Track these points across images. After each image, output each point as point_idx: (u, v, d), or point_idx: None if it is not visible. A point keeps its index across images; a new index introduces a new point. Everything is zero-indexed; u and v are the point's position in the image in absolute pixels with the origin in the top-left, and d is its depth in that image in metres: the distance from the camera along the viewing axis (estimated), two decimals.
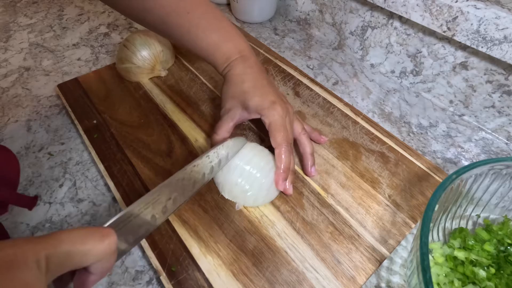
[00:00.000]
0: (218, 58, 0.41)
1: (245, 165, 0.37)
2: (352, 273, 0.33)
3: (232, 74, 0.40)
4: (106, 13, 0.73)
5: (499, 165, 0.32)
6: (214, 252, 0.34)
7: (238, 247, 0.35)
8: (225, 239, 0.35)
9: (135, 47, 0.50)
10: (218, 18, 0.42)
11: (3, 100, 0.53)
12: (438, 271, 0.33)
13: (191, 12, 0.40)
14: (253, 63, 0.41)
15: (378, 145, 0.45)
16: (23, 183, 0.42)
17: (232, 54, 0.41)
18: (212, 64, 0.43)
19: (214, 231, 0.36)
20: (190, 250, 0.34)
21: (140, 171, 0.41)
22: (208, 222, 0.36)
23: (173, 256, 0.34)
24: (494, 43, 0.41)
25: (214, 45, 0.41)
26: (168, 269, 0.33)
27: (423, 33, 0.50)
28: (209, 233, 0.36)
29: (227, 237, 0.35)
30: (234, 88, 0.40)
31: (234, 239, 0.35)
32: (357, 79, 0.57)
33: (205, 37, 0.41)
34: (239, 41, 0.42)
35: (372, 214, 0.38)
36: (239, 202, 0.37)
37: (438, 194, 0.29)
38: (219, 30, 0.41)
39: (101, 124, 0.47)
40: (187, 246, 0.34)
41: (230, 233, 0.36)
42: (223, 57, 0.41)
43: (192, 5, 0.40)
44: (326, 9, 0.63)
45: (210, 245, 0.35)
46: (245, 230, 0.36)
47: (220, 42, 0.41)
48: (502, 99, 0.46)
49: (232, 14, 0.72)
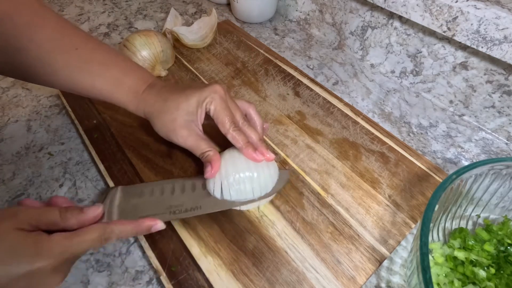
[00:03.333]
0: (124, 95, 0.36)
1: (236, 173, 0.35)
2: (352, 273, 0.33)
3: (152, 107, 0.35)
4: (106, 13, 0.73)
5: (499, 165, 0.32)
6: (214, 252, 0.34)
7: (238, 247, 0.35)
8: (225, 239, 0.35)
9: (135, 47, 0.50)
10: (112, 52, 0.37)
11: (3, 100, 0.53)
12: (438, 271, 0.33)
13: (80, 48, 0.35)
14: (163, 84, 0.37)
15: (378, 145, 0.45)
16: (23, 183, 0.42)
17: (139, 87, 0.37)
18: (116, 103, 0.37)
19: (214, 231, 0.36)
20: (190, 250, 0.34)
21: (140, 171, 0.41)
22: (208, 222, 0.36)
23: (173, 256, 0.34)
24: (494, 43, 0.41)
25: (115, 80, 0.36)
26: (168, 269, 0.33)
27: (423, 33, 0.50)
28: (209, 233, 0.36)
29: (227, 237, 0.35)
30: (165, 116, 0.35)
31: (234, 239, 0.35)
32: (357, 79, 0.57)
33: (102, 73, 0.36)
34: (141, 71, 0.38)
35: (372, 214, 0.38)
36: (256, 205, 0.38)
37: (438, 194, 0.29)
38: (117, 64, 0.37)
39: (101, 124, 0.47)
40: (187, 246, 0.34)
41: (230, 233, 0.36)
42: (129, 93, 0.36)
43: (80, 40, 0.35)
44: (326, 9, 0.63)
45: (210, 245, 0.35)
46: (245, 230, 0.36)
47: (121, 76, 0.36)
48: (502, 99, 0.46)
49: (232, 14, 0.72)
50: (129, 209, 0.34)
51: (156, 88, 0.37)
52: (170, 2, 0.77)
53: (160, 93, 0.36)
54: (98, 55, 0.36)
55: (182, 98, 0.35)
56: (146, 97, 0.36)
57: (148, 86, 0.37)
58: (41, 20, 0.34)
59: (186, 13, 0.74)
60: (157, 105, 0.36)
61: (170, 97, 0.35)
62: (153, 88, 0.37)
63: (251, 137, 0.36)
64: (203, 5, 0.76)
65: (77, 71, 0.35)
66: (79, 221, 0.28)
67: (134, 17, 0.72)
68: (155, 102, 0.36)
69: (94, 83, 0.36)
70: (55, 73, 0.34)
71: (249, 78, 0.54)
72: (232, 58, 0.58)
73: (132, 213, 0.33)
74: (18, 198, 0.40)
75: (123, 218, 0.32)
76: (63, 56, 0.34)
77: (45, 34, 0.33)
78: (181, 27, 0.61)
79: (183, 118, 0.35)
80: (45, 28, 0.33)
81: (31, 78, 0.35)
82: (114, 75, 0.36)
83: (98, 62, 0.36)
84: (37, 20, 0.33)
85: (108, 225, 0.29)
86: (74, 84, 0.35)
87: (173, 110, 0.35)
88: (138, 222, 0.30)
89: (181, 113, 0.35)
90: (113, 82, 0.36)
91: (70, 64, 0.34)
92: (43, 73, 0.34)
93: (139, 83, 0.37)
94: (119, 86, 0.36)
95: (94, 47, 0.36)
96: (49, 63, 0.34)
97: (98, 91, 0.36)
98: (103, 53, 0.36)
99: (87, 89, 0.36)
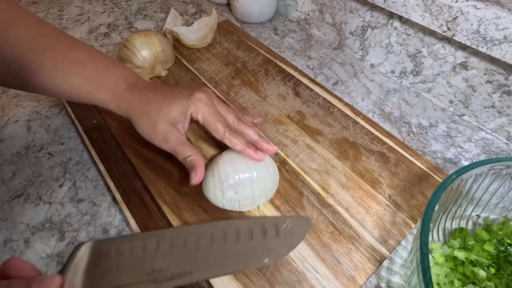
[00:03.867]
0: (103, 94, 0.35)
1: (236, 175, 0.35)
2: (352, 273, 0.33)
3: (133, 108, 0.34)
4: (106, 13, 0.73)
5: (499, 165, 0.32)
6: None
7: None
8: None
9: (135, 47, 0.50)
10: (89, 50, 0.36)
11: (3, 100, 0.53)
12: (438, 271, 0.33)
13: (56, 46, 0.33)
14: (146, 84, 0.36)
15: (378, 145, 0.45)
16: (23, 183, 0.42)
17: (119, 85, 0.35)
18: (96, 103, 0.35)
19: None
20: None
21: (140, 171, 0.41)
22: (209, 222, 0.36)
23: None
24: (494, 43, 0.41)
25: (92, 79, 0.34)
26: None
27: (423, 33, 0.50)
28: None
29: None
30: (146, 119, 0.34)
31: None
32: (357, 79, 0.57)
33: (79, 71, 0.34)
34: (120, 69, 0.36)
35: (372, 214, 0.38)
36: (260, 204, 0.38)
37: (438, 194, 0.29)
38: (94, 62, 0.35)
39: (101, 124, 0.47)
40: None
41: None
42: (108, 92, 0.35)
43: (57, 39, 0.34)
44: (326, 9, 0.63)
45: None
46: None
47: (99, 74, 0.35)
48: (502, 99, 0.46)
49: (232, 14, 0.72)
50: (97, 276, 0.26)
51: (138, 88, 0.35)
52: (170, 2, 0.77)
53: (142, 93, 0.35)
54: (74, 54, 0.34)
55: (164, 104, 0.34)
56: (127, 97, 0.35)
57: (129, 85, 0.35)
58: (16, 20, 0.32)
59: (186, 13, 0.74)
60: (139, 106, 0.34)
61: (152, 99, 0.34)
62: (135, 88, 0.35)
63: (249, 134, 0.36)
64: (203, 5, 0.76)
65: (53, 71, 0.33)
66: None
67: (134, 17, 0.72)
68: (137, 104, 0.34)
69: (70, 82, 0.34)
70: (31, 75, 0.33)
71: (249, 78, 0.54)
72: (232, 58, 0.58)
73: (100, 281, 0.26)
74: (18, 198, 0.41)
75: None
76: (38, 56, 0.32)
77: (20, 34, 0.32)
78: (181, 27, 0.61)
79: (164, 123, 0.34)
80: (19, 28, 0.32)
81: (7, 82, 0.34)
82: (92, 73, 0.34)
83: (74, 60, 0.34)
84: (11, 20, 0.32)
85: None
86: (50, 86, 0.34)
87: (155, 114, 0.34)
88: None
89: (163, 118, 0.34)
90: (91, 81, 0.34)
91: (46, 64, 0.33)
92: (20, 75, 0.32)
93: (119, 82, 0.35)
94: (97, 84, 0.35)
95: (71, 46, 0.34)
96: (24, 64, 0.32)
97: (75, 91, 0.34)
98: (80, 52, 0.35)
99: (64, 89, 0.34)
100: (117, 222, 0.38)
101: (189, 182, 0.33)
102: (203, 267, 0.27)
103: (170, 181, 0.40)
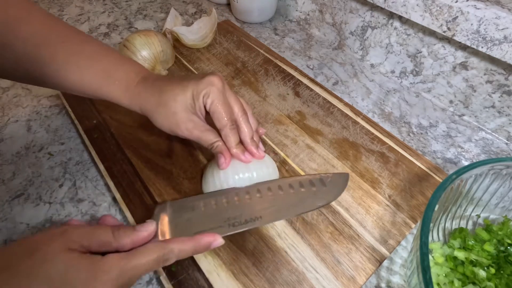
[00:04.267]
0: (115, 88, 0.34)
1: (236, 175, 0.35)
2: (352, 273, 0.33)
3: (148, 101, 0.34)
4: (106, 13, 0.73)
5: (499, 165, 0.32)
6: (214, 252, 0.34)
7: (238, 247, 0.35)
8: (225, 239, 0.35)
9: (135, 47, 0.50)
10: (101, 45, 0.35)
11: (3, 100, 0.53)
12: (438, 271, 0.33)
13: (68, 41, 0.33)
14: (157, 77, 0.35)
15: (378, 145, 0.45)
16: (23, 183, 0.42)
17: (131, 80, 0.34)
18: (108, 98, 0.35)
19: None
20: None
21: (140, 171, 0.41)
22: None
23: None
24: (494, 43, 0.41)
25: (105, 73, 0.34)
26: (168, 269, 0.33)
27: (423, 33, 0.50)
28: None
29: (227, 237, 0.35)
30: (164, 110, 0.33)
31: (234, 239, 0.35)
32: (357, 79, 0.57)
33: (91, 65, 0.34)
34: (132, 64, 0.36)
35: (372, 214, 0.38)
36: None
37: (438, 194, 0.29)
38: (106, 56, 0.35)
39: (101, 124, 0.47)
40: None
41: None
42: (120, 86, 0.34)
43: (68, 34, 0.34)
44: (326, 9, 0.63)
45: None
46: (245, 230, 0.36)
47: (111, 68, 0.34)
48: (502, 99, 0.46)
49: (232, 14, 0.72)
50: (182, 224, 0.31)
51: (150, 80, 0.35)
52: (170, 2, 0.77)
53: (155, 85, 0.34)
54: (86, 48, 0.34)
55: (178, 90, 0.33)
56: (140, 91, 0.34)
57: (141, 79, 0.35)
58: (28, 15, 0.32)
59: (186, 13, 0.74)
60: (153, 99, 0.34)
61: (165, 88, 0.33)
62: (147, 81, 0.35)
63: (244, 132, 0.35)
64: (203, 5, 0.76)
65: (65, 64, 0.33)
66: (132, 240, 0.25)
67: (134, 17, 0.72)
68: (151, 96, 0.34)
69: (82, 76, 0.33)
70: (42, 68, 0.32)
71: (249, 78, 0.54)
72: (232, 58, 0.58)
73: (186, 229, 0.30)
74: (18, 198, 0.41)
75: (177, 235, 0.29)
76: (49, 50, 0.32)
77: (32, 29, 0.32)
78: (181, 27, 0.61)
79: (183, 110, 0.33)
80: (31, 23, 0.32)
81: (18, 76, 0.34)
82: (103, 67, 0.34)
83: (86, 55, 0.34)
84: (23, 15, 0.32)
85: (166, 244, 0.26)
86: (62, 79, 0.33)
87: (171, 103, 0.33)
88: (196, 239, 0.28)
89: (180, 105, 0.33)
90: (103, 75, 0.34)
91: (57, 58, 0.33)
92: (31, 70, 0.33)
93: (131, 76, 0.35)
94: (109, 79, 0.34)
95: (82, 40, 0.34)
96: (35, 58, 0.32)
97: (87, 85, 0.34)
98: (92, 46, 0.35)
99: (75, 84, 0.34)
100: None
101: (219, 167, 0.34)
102: (269, 212, 0.32)
103: (170, 181, 0.40)
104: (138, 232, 0.26)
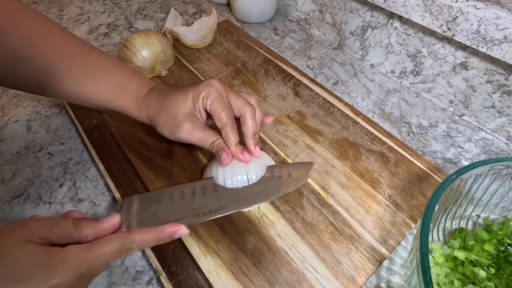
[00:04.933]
0: (127, 100, 0.36)
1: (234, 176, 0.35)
2: (352, 273, 0.33)
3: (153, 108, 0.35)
4: (106, 13, 0.73)
5: (499, 165, 0.32)
6: (214, 252, 0.34)
7: (238, 247, 0.35)
8: (225, 239, 0.35)
9: (135, 47, 0.50)
10: (114, 59, 0.38)
11: (3, 100, 0.53)
12: (438, 271, 0.33)
13: (84, 55, 0.35)
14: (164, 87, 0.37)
15: (378, 145, 0.45)
16: (23, 183, 0.42)
17: (141, 91, 0.37)
18: (120, 109, 0.37)
19: (214, 231, 0.36)
20: (190, 250, 0.34)
21: (140, 171, 0.41)
22: (208, 222, 0.36)
23: (173, 256, 0.34)
24: (494, 43, 0.41)
25: (118, 86, 0.36)
26: (168, 269, 0.33)
27: (423, 33, 0.50)
28: (209, 233, 0.36)
29: (227, 237, 0.35)
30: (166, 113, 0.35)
31: (234, 239, 0.35)
32: (357, 79, 0.57)
33: (107, 78, 0.36)
34: (143, 77, 0.39)
35: (372, 214, 0.38)
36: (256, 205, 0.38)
37: (438, 194, 0.29)
38: (120, 70, 0.37)
39: (101, 124, 0.47)
40: (187, 246, 0.34)
41: (230, 233, 0.36)
42: (132, 97, 0.36)
43: (84, 49, 0.36)
44: (326, 9, 0.63)
45: (210, 245, 0.35)
46: (245, 230, 0.36)
47: (124, 81, 0.37)
48: (502, 99, 0.46)
49: (232, 14, 0.72)
50: (148, 216, 0.32)
51: (157, 90, 0.37)
52: (170, 2, 0.77)
53: (161, 93, 0.36)
54: (101, 62, 0.36)
55: (180, 95, 0.35)
56: (147, 100, 0.36)
57: (150, 90, 0.37)
58: (46, 30, 0.34)
59: (186, 13, 0.74)
60: (157, 105, 0.35)
61: (169, 95, 0.35)
62: (154, 91, 0.37)
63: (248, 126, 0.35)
64: (203, 5, 0.76)
65: (81, 77, 0.35)
66: (95, 231, 0.26)
67: (134, 17, 0.72)
68: (156, 103, 0.36)
69: (97, 89, 0.36)
70: (59, 81, 0.34)
71: (249, 78, 0.54)
72: (232, 58, 0.58)
73: (152, 220, 0.32)
74: (18, 198, 0.41)
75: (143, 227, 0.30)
76: (67, 64, 0.34)
77: (50, 43, 0.34)
78: (181, 27, 0.61)
79: (183, 112, 0.34)
80: (49, 38, 0.34)
81: (34, 88, 0.36)
82: (118, 80, 0.36)
83: (101, 68, 0.36)
84: (42, 30, 0.34)
85: (128, 234, 0.27)
86: (77, 92, 0.36)
87: (173, 106, 0.34)
88: (159, 229, 0.29)
89: (181, 108, 0.34)
90: (117, 88, 0.36)
91: (74, 71, 0.35)
92: (47, 83, 0.34)
93: (142, 87, 0.37)
94: (122, 91, 0.36)
95: (97, 55, 0.37)
96: (53, 71, 0.34)
97: (102, 97, 0.36)
98: (106, 60, 0.37)
99: (90, 96, 0.36)
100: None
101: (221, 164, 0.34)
102: (235, 201, 0.34)
103: (170, 181, 0.40)
104: (100, 224, 0.27)
